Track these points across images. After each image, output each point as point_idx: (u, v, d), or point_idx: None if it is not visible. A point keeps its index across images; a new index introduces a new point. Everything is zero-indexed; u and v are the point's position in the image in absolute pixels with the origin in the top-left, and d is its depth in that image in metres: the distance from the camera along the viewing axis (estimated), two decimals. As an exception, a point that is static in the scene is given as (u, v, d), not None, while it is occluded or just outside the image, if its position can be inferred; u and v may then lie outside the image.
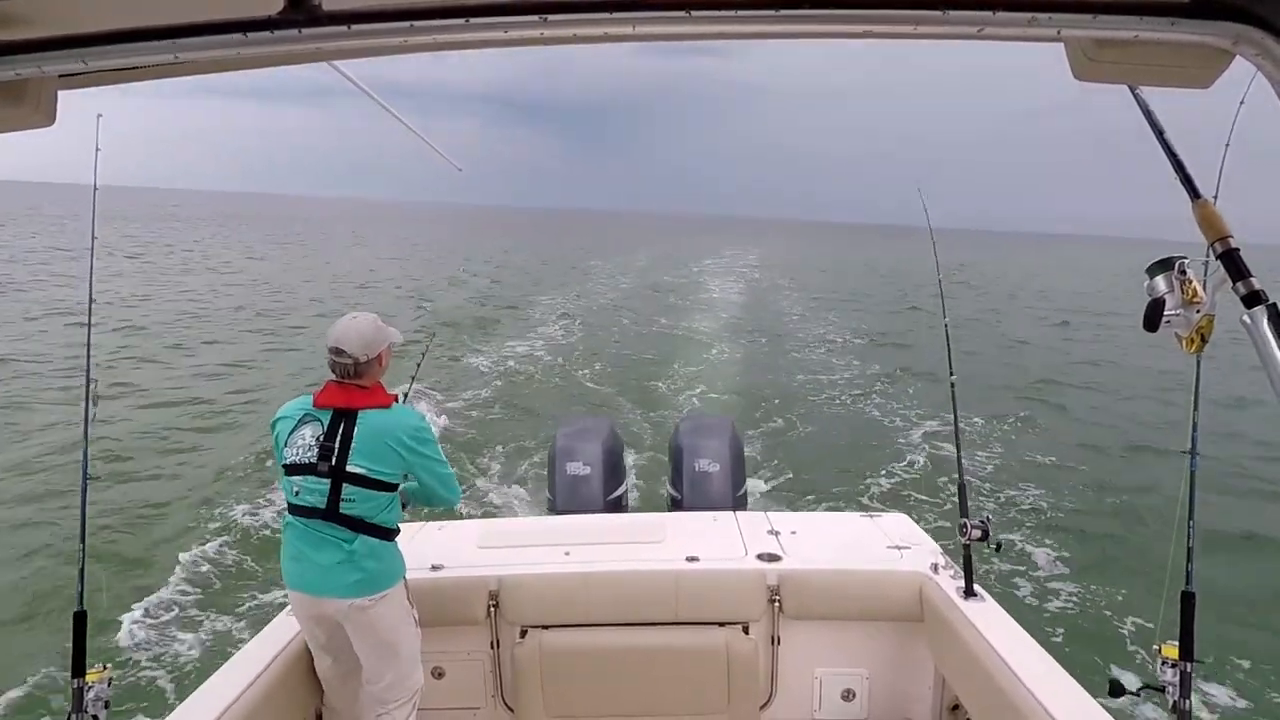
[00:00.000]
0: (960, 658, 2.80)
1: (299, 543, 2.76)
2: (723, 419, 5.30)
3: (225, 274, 30.54)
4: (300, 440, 2.72)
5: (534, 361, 15.60)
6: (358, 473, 2.67)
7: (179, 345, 16.36)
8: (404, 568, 2.89)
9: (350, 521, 2.70)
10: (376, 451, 2.69)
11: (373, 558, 2.73)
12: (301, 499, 2.72)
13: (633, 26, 0.93)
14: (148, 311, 20.10)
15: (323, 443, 2.68)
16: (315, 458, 2.68)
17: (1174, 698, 2.21)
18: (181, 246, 43.12)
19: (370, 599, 2.74)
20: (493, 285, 29.37)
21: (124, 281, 24.94)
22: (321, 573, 2.72)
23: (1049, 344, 20.75)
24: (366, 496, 2.70)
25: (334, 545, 2.70)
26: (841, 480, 8.97)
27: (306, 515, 2.72)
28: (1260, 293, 0.95)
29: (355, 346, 2.72)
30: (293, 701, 2.91)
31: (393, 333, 2.87)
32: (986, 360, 16.63)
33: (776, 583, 3.20)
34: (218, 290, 25.32)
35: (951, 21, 0.92)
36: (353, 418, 2.70)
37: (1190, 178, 1.13)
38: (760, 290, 30.82)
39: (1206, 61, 0.97)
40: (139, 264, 32.02)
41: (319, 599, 2.76)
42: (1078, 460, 9.66)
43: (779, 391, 13.51)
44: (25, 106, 1.04)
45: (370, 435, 2.69)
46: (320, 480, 2.68)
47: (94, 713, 2.34)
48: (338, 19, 0.92)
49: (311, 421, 2.73)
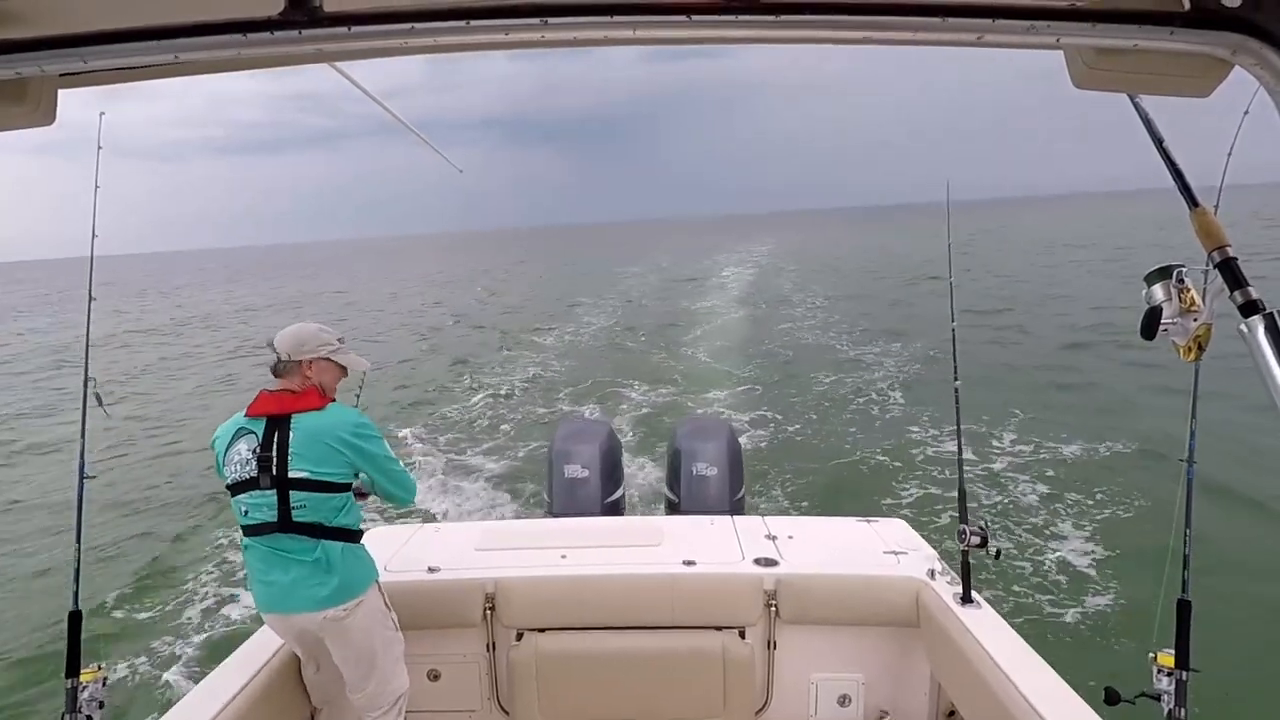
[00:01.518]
0: (957, 664, 2.80)
1: (261, 564, 2.68)
2: (721, 422, 5.29)
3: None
4: (237, 456, 2.63)
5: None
6: (301, 477, 2.58)
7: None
8: (375, 571, 2.83)
9: (308, 529, 2.62)
10: (317, 453, 2.60)
11: (340, 564, 2.66)
12: (251, 518, 2.63)
13: (633, 30, 0.93)
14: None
15: (260, 454, 2.59)
16: (255, 471, 2.59)
17: (1169, 706, 2.20)
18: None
19: (343, 608, 2.68)
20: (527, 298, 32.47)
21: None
22: (288, 590, 2.65)
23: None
24: (318, 501, 2.61)
25: (296, 559, 2.63)
26: (839, 485, 8.97)
27: (261, 533, 2.63)
28: (1258, 302, 0.95)
29: (283, 344, 2.69)
30: (287, 705, 2.90)
31: (332, 349, 2.75)
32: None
33: (773, 587, 3.19)
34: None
35: (951, 29, 0.92)
36: (287, 423, 2.62)
37: (1189, 186, 1.13)
38: (766, 275, 35.28)
39: (1206, 71, 0.98)
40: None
41: (290, 616, 2.71)
42: (1081, 461, 9.65)
43: (777, 395, 13.52)
44: (25, 105, 1.04)
45: (308, 437, 2.61)
46: (265, 494, 2.59)
47: (88, 713, 2.33)
48: (338, 20, 0.92)
49: (245, 435, 2.65)
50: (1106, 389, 13.29)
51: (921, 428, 11.08)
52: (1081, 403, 12.58)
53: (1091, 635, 5.79)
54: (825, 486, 8.87)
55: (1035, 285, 27.43)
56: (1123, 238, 46.71)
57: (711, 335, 20.16)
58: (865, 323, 21.35)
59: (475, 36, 0.94)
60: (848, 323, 21.61)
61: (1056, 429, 10.67)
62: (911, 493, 8.68)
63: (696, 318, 23.41)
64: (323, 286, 49.54)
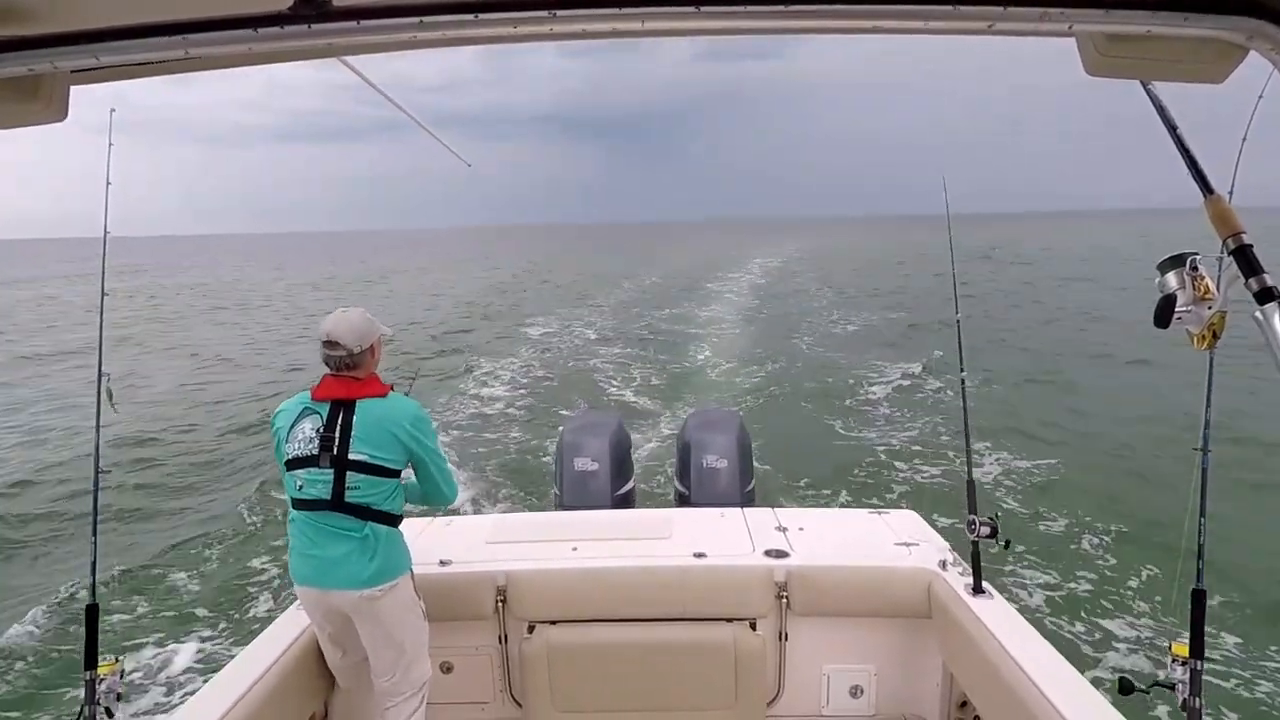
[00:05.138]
0: (968, 654, 2.80)
1: (307, 537, 2.77)
2: (731, 414, 5.28)
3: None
4: (300, 434, 2.73)
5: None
6: (360, 459, 2.69)
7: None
8: (410, 560, 2.89)
9: (357, 510, 2.71)
10: (377, 438, 2.71)
11: (382, 546, 2.75)
12: (305, 493, 2.73)
13: (641, 22, 0.93)
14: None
15: (323, 434, 2.70)
16: (316, 449, 2.70)
17: (1184, 695, 2.19)
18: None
19: (379, 589, 2.75)
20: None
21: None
22: (331, 565, 2.73)
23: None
24: (371, 483, 2.71)
25: (343, 536, 2.72)
26: (850, 476, 8.95)
27: (312, 509, 2.73)
28: (1273, 289, 0.94)
29: (348, 338, 2.75)
30: (302, 694, 2.93)
31: (382, 327, 2.90)
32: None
33: (784, 579, 3.20)
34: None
35: (962, 16, 0.91)
36: (351, 407, 2.73)
37: (1203, 173, 1.12)
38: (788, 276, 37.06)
39: (1220, 57, 0.96)
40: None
41: (327, 592, 2.78)
42: (1092, 452, 9.61)
43: (788, 386, 13.51)
44: (38, 102, 1.05)
45: (370, 422, 2.71)
46: (323, 471, 2.69)
47: (106, 705, 2.36)
48: (348, 14, 0.92)
49: (311, 415, 2.75)
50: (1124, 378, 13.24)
51: (931, 420, 11.06)
52: (1095, 391, 12.54)
53: (1106, 624, 5.77)
54: (836, 478, 8.86)
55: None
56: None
57: (726, 332, 20.26)
58: (878, 315, 21.32)
59: (483, 29, 0.94)
60: (861, 315, 21.58)
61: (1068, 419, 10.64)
62: (921, 483, 8.67)
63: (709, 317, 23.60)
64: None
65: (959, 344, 3.47)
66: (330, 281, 47.45)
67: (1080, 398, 12.51)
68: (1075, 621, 5.83)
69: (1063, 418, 11.21)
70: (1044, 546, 7.00)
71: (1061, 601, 6.10)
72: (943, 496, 8.03)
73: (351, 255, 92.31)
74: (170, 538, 7.97)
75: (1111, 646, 5.40)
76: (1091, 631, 5.68)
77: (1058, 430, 10.48)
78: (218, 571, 7.16)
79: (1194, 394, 2.44)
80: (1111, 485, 8.53)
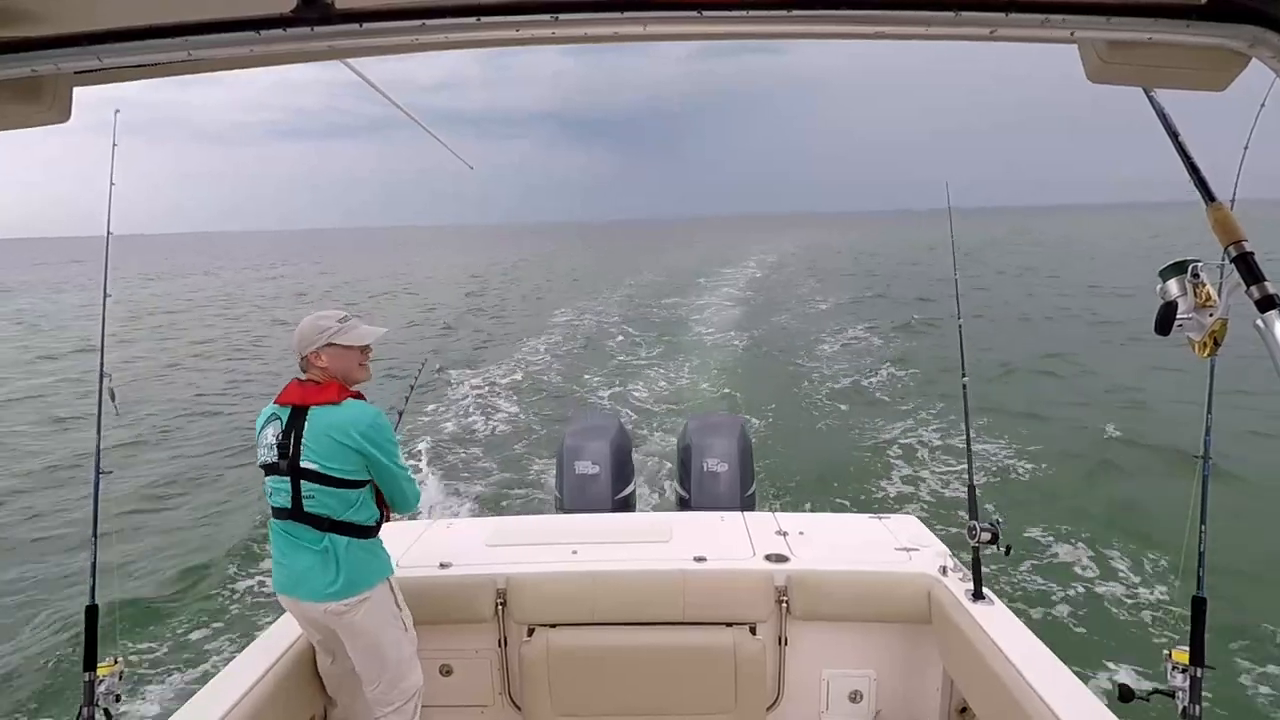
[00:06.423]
0: (969, 660, 2.79)
1: (279, 545, 2.74)
2: (732, 418, 5.28)
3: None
4: (265, 440, 2.71)
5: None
6: (310, 469, 2.63)
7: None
8: (388, 569, 2.82)
9: (316, 520, 2.65)
10: (326, 448, 2.63)
11: (345, 559, 2.67)
12: (273, 499, 2.71)
13: (644, 26, 0.93)
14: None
15: (280, 440, 2.66)
16: (275, 456, 2.66)
17: (1184, 703, 2.19)
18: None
19: (345, 603, 2.68)
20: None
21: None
22: (299, 576, 2.70)
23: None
24: (327, 494, 2.64)
25: (305, 548, 2.67)
26: (850, 481, 8.94)
27: (279, 517, 2.71)
28: (1275, 296, 0.94)
29: (293, 344, 2.75)
30: (299, 699, 2.92)
31: (372, 329, 2.79)
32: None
33: (784, 583, 3.19)
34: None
35: (964, 23, 0.91)
36: (304, 414, 2.68)
37: (1205, 181, 1.12)
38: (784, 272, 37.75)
39: (1222, 64, 0.96)
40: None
41: (300, 602, 2.75)
42: (1091, 458, 9.59)
43: (787, 391, 13.49)
44: (41, 103, 1.05)
45: (318, 431, 2.64)
46: (282, 479, 2.66)
47: (104, 706, 2.36)
48: (350, 17, 0.92)
49: (274, 420, 2.71)
50: (1124, 384, 13.23)
51: (933, 424, 11.04)
52: (1095, 398, 12.52)
53: (1105, 632, 5.76)
54: (836, 483, 8.85)
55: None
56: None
57: (721, 329, 20.36)
58: (878, 318, 21.32)
59: (486, 33, 0.94)
60: (862, 319, 21.59)
61: (1067, 424, 10.62)
62: (922, 489, 8.65)
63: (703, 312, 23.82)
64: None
65: (960, 348, 3.46)
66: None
67: (1082, 398, 12.49)
68: (1076, 628, 5.81)
69: (1064, 419, 11.18)
70: (1045, 552, 6.99)
71: (1062, 608, 6.09)
72: (944, 502, 8.02)
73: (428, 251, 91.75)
74: (171, 537, 7.98)
75: (1112, 653, 5.39)
76: (1092, 638, 5.66)
77: (1059, 435, 10.45)
78: (218, 571, 7.16)
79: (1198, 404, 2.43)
80: (1114, 492, 8.51)
